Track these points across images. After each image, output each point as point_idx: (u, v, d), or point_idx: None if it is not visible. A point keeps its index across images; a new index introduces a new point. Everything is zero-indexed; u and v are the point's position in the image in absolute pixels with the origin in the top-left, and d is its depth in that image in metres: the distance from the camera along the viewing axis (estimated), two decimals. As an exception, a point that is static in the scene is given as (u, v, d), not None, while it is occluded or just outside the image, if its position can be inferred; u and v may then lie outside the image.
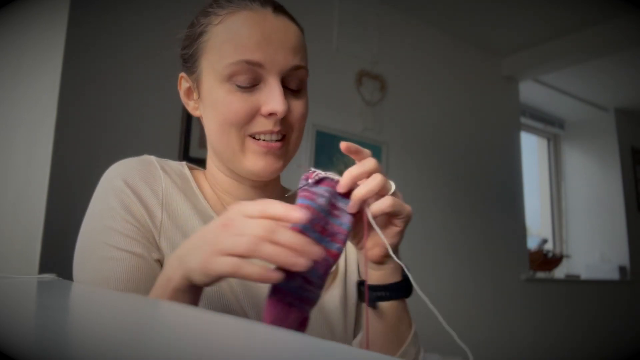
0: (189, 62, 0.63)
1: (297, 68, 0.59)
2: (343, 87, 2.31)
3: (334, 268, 0.68)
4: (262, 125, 0.58)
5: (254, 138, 0.59)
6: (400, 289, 0.59)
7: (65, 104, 1.51)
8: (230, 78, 0.57)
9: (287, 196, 0.68)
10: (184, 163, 0.67)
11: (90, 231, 0.57)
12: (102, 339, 0.23)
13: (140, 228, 0.56)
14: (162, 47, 1.75)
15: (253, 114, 0.58)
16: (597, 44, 2.75)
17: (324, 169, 0.58)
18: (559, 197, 4.10)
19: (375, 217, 0.52)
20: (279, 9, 0.61)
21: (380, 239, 0.53)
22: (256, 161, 0.59)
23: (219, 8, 0.60)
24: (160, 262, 0.57)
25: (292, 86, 0.60)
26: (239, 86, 0.57)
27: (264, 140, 0.59)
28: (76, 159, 1.51)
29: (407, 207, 0.56)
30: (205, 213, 0.62)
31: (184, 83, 0.65)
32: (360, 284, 0.59)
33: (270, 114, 0.57)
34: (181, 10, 1.82)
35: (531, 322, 3.01)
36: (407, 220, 0.56)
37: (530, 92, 3.54)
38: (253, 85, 0.57)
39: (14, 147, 1.63)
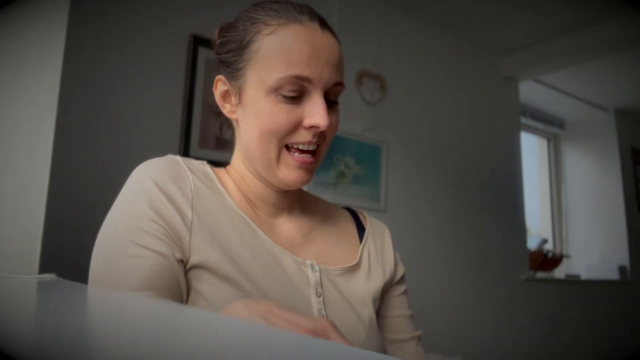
0: (232, 68, 0.64)
1: (338, 84, 0.63)
2: (343, 87, 2.31)
3: (356, 261, 0.71)
4: (302, 136, 0.61)
5: (289, 149, 0.62)
6: None
7: (65, 103, 1.51)
8: (277, 90, 0.59)
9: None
10: (204, 162, 0.68)
11: (114, 229, 0.57)
12: (103, 339, 0.23)
13: (167, 228, 0.57)
14: (162, 46, 1.75)
15: (296, 126, 0.61)
16: (597, 44, 2.75)
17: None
18: (559, 197, 4.10)
19: None
20: (324, 25, 0.64)
21: None
22: (290, 173, 0.62)
23: (268, 17, 0.62)
24: (183, 262, 0.57)
25: (332, 101, 0.64)
26: (285, 97, 0.60)
27: (299, 149, 0.62)
28: (76, 158, 1.51)
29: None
30: (232, 210, 0.63)
31: (221, 85, 0.66)
32: None
33: (312, 127, 0.60)
34: (181, 9, 1.83)
35: (531, 322, 3.01)
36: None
37: (530, 92, 3.54)
38: (298, 97, 0.60)
39: (14, 147, 1.63)
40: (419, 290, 2.39)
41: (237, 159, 0.69)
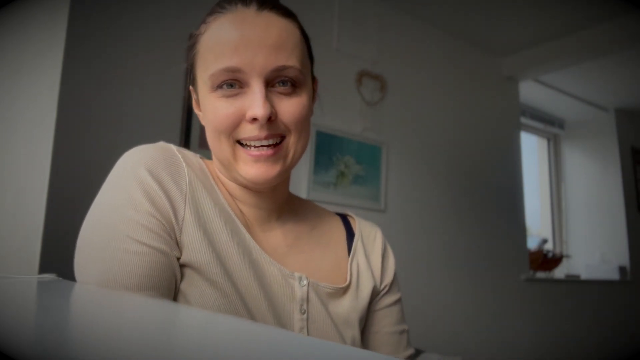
0: (190, 75, 0.63)
1: (282, 69, 0.56)
2: (343, 87, 2.31)
3: (347, 282, 0.67)
4: (249, 131, 0.56)
5: (243, 145, 0.58)
6: None
7: (65, 103, 1.51)
8: (215, 86, 0.56)
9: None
10: (198, 155, 0.65)
11: (108, 220, 0.53)
12: (103, 340, 0.23)
13: (164, 223, 0.54)
14: (162, 46, 1.75)
15: (239, 120, 0.56)
16: (597, 44, 2.75)
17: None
18: (559, 197, 4.10)
19: None
20: (265, 5, 0.58)
21: None
22: (248, 169, 0.58)
23: (207, 15, 0.60)
24: (178, 260, 0.55)
25: (283, 86, 0.57)
26: (224, 92, 0.56)
27: (254, 146, 0.57)
28: (76, 158, 1.51)
29: None
30: (224, 210, 0.60)
31: (193, 95, 0.65)
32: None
33: (253, 119, 0.55)
34: (181, 9, 1.83)
35: (531, 322, 3.01)
36: None
37: (530, 92, 3.54)
38: (238, 89, 0.56)
39: (14, 147, 1.63)
40: (418, 290, 2.39)
41: (214, 164, 0.65)
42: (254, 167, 0.57)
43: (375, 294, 0.70)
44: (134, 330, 0.26)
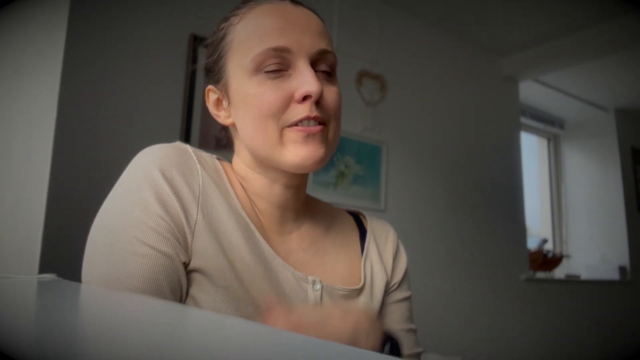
0: (214, 70, 0.61)
1: (325, 52, 0.58)
2: (343, 87, 2.30)
3: (361, 284, 0.66)
4: (299, 112, 0.55)
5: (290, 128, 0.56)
6: None
7: (65, 103, 1.51)
8: (258, 69, 0.56)
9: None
10: (214, 156, 0.63)
11: (118, 221, 0.53)
12: (103, 340, 0.23)
13: (173, 226, 0.53)
14: (162, 46, 1.75)
15: (288, 102, 0.55)
16: (597, 44, 2.75)
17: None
18: (559, 197, 4.10)
19: None
20: (297, 2, 0.61)
21: None
22: (298, 150, 0.56)
23: (237, 9, 0.61)
24: (185, 265, 0.54)
25: (323, 70, 0.59)
26: (267, 74, 0.56)
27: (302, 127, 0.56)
28: (76, 158, 1.51)
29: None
30: (238, 214, 0.59)
31: (211, 95, 0.63)
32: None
33: (305, 98, 0.55)
34: (181, 9, 1.83)
35: (531, 322, 3.01)
36: None
37: (530, 92, 3.54)
38: (283, 72, 0.56)
39: (14, 147, 1.63)
40: (418, 290, 2.38)
41: (239, 162, 0.64)
42: (304, 147, 0.56)
43: (386, 291, 0.70)
44: (134, 331, 0.26)
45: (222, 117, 0.63)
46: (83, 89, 1.56)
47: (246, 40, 0.57)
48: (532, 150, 4.13)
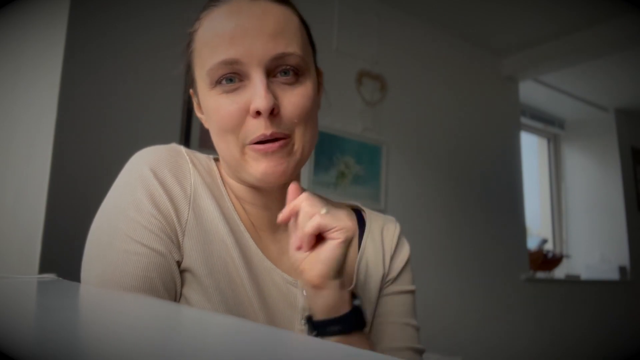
0: (188, 76, 0.60)
1: (281, 56, 0.53)
2: (343, 87, 2.31)
3: (352, 285, 0.63)
4: (255, 129, 0.52)
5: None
6: (350, 321, 0.52)
7: (65, 104, 1.51)
8: (214, 82, 0.53)
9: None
10: (211, 157, 0.63)
11: (112, 221, 0.53)
12: (103, 340, 0.23)
13: (165, 224, 0.53)
14: (162, 46, 1.75)
15: (244, 116, 0.53)
16: (597, 44, 2.74)
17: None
18: (559, 197, 4.10)
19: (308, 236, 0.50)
20: None
21: (321, 256, 0.50)
22: (258, 166, 0.54)
23: (200, 12, 0.58)
24: (179, 264, 0.54)
25: (285, 76, 0.54)
26: (223, 87, 0.53)
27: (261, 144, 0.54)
28: (76, 158, 1.51)
29: (342, 222, 0.50)
30: (229, 215, 0.58)
31: (194, 98, 0.61)
32: (309, 319, 0.54)
33: (257, 113, 0.52)
34: (181, 9, 1.82)
35: (531, 322, 3.01)
36: (346, 233, 0.50)
37: (530, 92, 3.54)
38: (239, 84, 0.53)
39: (14, 147, 1.63)
40: (418, 290, 2.38)
41: (222, 165, 0.63)
42: (263, 163, 0.53)
43: (382, 286, 0.68)
44: (134, 331, 0.26)
45: (203, 120, 0.61)
46: (83, 89, 1.56)
47: (202, 51, 0.55)
48: (532, 150, 4.12)
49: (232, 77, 0.53)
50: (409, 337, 0.66)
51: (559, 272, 3.62)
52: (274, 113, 0.53)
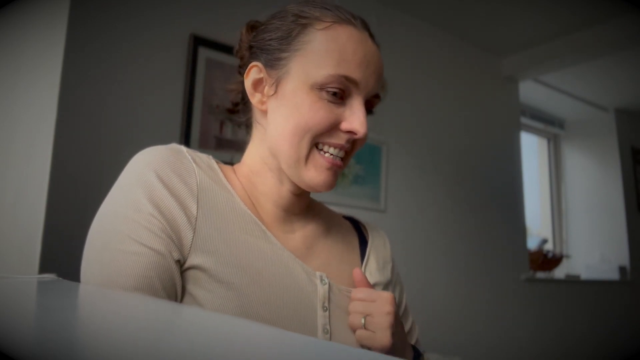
0: (274, 56, 0.60)
1: (377, 97, 0.62)
2: (343, 87, 2.31)
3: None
4: (337, 138, 0.59)
5: (319, 149, 0.59)
6: None
7: (65, 103, 1.51)
8: (322, 87, 0.57)
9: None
10: (210, 156, 0.64)
11: (111, 222, 0.54)
12: (103, 340, 0.23)
13: (166, 225, 0.53)
14: (162, 46, 1.75)
15: (333, 127, 0.59)
16: (597, 44, 2.74)
17: None
18: (559, 197, 4.10)
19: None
20: (371, 34, 0.64)
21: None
22: (318, 175, 0.59)
23: (322, 14, 0.60)
24: (180, 263, 0.54)
25: (368, 110, 0.62)
26: (328, 95, 0.58)
27: (330, 154, 0.59)
28: (76, 158, 1.51)
29: (379, 341, 0.59)
30: (241, 209, 0.59)
31: (255, 73, 0.62)
32: None
33: (349, 131, 0.59)
34: (181, 9, 1.83)
35: (531, 322, 3.01)
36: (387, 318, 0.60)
37: (530, 92, 3.54)
38: (340, 99, 0.58)
39: (14, 147, 1.63)
40: (418, 290, 2.39)
41: (256, 155, 0.64)
42: (324, 174, 0.59)
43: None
44: (134, 331, 0.26)
45: (257, 98, 0.63)
46: (83, 88, 1.56)
47: (325, 54, 0.58)
48: (532, 150, 4.13)
49: (339, 92, 0.58)
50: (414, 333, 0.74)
51: (559, 272, 3.62)
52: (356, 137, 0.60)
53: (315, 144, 0.59)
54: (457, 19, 2.69)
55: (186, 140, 1.75)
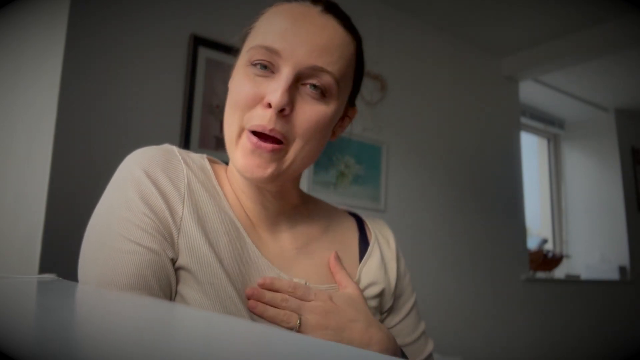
0: (235, 51, 0.64)
1: (317, 70, 0.55)
2: (343, 87, 2.31)
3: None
4: (259, 116, 0.54)
5: (249, 131, 0.55)
6: None
7: (65, 103, 1.51)
8: (251, 63, 0.56)
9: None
10: (204, 156, 0.63)
11: (105, 221, 0.54)
12: (103, 340, 0.23)
13: (158, 223, 0.53)
14: (162, 46, 1.75)
15: (257, 101, 0.55)
16: (597, 44, 2.75)
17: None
18: (559, 197, 4.10)
19: None
20: (332, 10, 0.60)
21: None
22: (244, 159, 0.55)
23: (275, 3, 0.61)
24: (173, 261, 0.54)
25: (312, 90, 0.55)
26: (254, 69, 0.56)
27: (256, 136, 0.55)
28: (76, 158, 1.51)
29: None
30: (225, 213, 0.58)
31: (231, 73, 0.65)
32: None
33: (268, 105, 0.53)
34: (181, 9, 1.83)
35: (531, 322, 3.01)
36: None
37: (530, 92, 3.54)
38: (269, 73, 0.55)
39: (14, 147, 1.63)
40: (418, 290, 2.38)
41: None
42: (249, 158, 0.55)
43: (388, 297, 0.69)
44: (134, 331, 0.26)
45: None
46: (83, 89, 1.56)
47: (256, 31, 0.58)
48: (532, 150, 4.13)
49: (267, 65, 0.55)
50: (423, 344, 0.70)
51: (559, 272, 3.62)
52: (283, 113, 0.54)
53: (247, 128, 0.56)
54: (457, 19, 2.69)
55: (186, 140, 1.75)
